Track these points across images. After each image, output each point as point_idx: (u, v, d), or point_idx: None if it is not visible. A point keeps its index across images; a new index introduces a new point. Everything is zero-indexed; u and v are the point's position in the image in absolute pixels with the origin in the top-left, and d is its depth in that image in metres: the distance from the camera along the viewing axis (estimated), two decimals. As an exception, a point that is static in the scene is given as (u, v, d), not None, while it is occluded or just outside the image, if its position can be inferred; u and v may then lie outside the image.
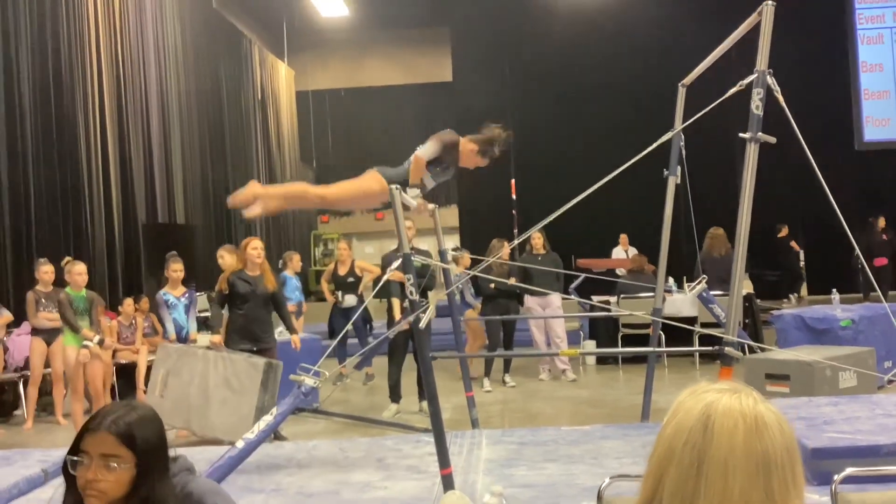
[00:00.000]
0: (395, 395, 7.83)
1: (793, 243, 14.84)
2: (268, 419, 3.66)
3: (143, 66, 12.85)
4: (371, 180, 4.88)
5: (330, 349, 5.10)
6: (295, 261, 9.92)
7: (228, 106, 16.78)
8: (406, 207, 4.55)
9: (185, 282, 8.02)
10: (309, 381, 3.90)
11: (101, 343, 7.31)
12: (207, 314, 12.14)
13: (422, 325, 4.24)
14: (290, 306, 9.62)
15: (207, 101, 15.64)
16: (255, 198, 4.67)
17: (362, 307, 7.67)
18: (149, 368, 8.69)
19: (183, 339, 7.38)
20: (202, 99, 15.34)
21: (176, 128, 13.97)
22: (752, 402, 1.21)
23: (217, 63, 16.33)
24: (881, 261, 13.69)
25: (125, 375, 8.98)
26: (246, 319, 6.64)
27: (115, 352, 8.96)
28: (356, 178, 4.96)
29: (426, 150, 4.95)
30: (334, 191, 4.95)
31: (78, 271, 7.27)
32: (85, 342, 7.09)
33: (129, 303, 9.62)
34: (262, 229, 18.41)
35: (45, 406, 8.63)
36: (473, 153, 5.05)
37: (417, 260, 4.48)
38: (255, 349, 6.64)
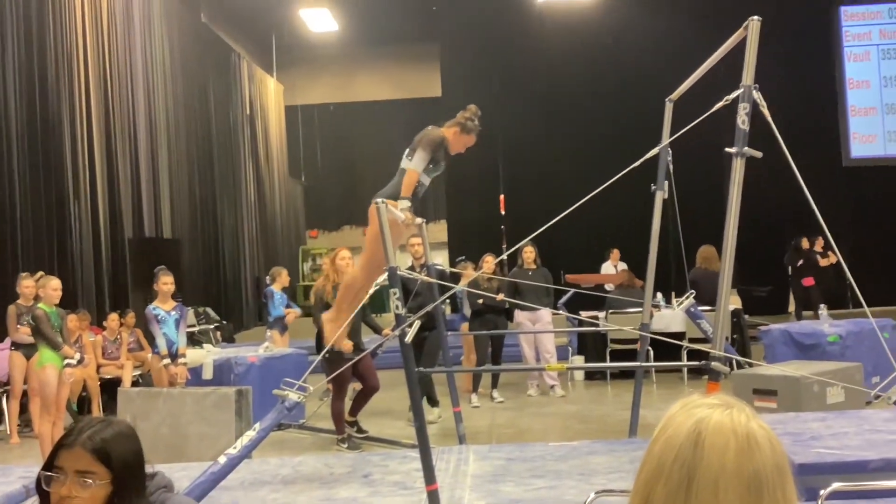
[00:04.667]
0: (431, 401, 7.94)
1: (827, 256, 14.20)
2: (251, 434, 3.62)
3: (130, 79, 12.82)
4: (374, 219, 4.79)
5: (314, 363, 5.05)
6: (283, 276, 9.88)
7: (216, 120, 16.76)
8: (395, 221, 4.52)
9: (172, 296, 7.95)
10: (293, 396, 3.85)
11: (80, 361, 7.17)
12: (195, 329, 12.17)
13: (407, 339, 4.20)
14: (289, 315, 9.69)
15: (195, 115, 15.62)
16: None
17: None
18: (134, 383, 8.62)
19: (173, 354, 7.25)
20: (190, 113, 15.31)
21: (163, 142, 13.94)
22: (745, 419, 1.17)
23: (205, 77, 16.32)
24: (808, 281, 13.63)
25: (109, 391, 8.90)
26: (349, 329, 6.80)
27: (99, 367, 8.88)
28: (370, 225, 4.86)
29: (417, 161, 4.99)
30: (360, 262, 4.96)
31: (53, 286, 7.00)
32: (67, 360, 6.89)
33: (113, 318, 9.55)
34: (252, 243, 18.38)
35: (28, 422, 8.54)
36: (457, 136, 5.18)
37: (404, 273, 4.45)
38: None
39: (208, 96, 16.44)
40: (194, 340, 10.88)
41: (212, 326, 13.15)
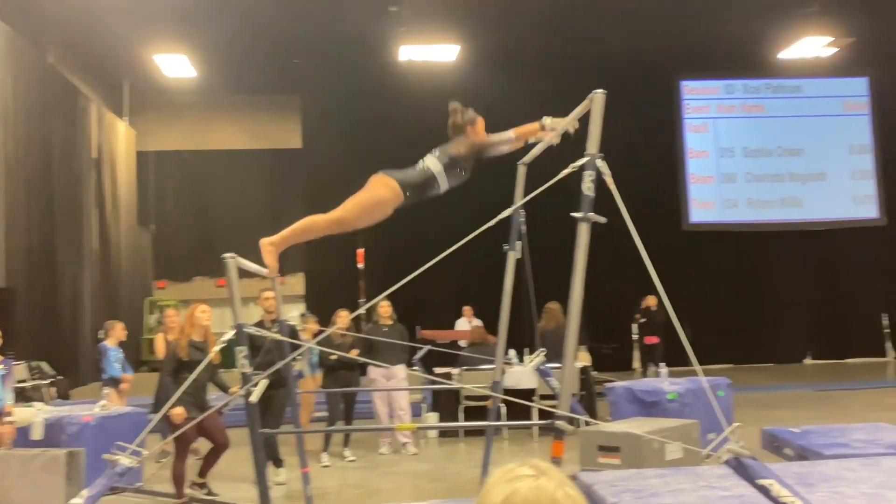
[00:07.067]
0: (276, 462, 7.77)
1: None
2: (77, 502, 3.36)
3: (-34, 118, 12.07)
4: (380, 186, 4.54)
5: (152, 423, 4.78)
6: (117, 330, 9.35)
7: (59, 165, 15.95)
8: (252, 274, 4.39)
9: (2, 350, 7.40)
10: (125, 460, 3.62)
11: None
12: (26, 384, 11.36)
13: (253, 398, 4.06)
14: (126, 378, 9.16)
15: (36, 159, 14.81)
16: (271, 252, 4.33)
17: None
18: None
19: (-1, 412, 6.73)
20: (30, 157, 14.51)
21: (0, 187, 13.14)
22: (552, 488, 1.27)
23: (49, 120, 15.54)
24: (652, 339, 14.46)
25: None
26: (194, 387, 6.43)
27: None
28: (363, 190, 4.57)
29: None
30: (346, 210, 4.54)
31: None
32: None
33: (-67, 372, 8.79)
34: (93, 294, 17.49)
35: None
36: (473, 132, 4.97)
37: (251, 330, 4.31)
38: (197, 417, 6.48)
39: (51, 140, 15.65)
40: (25, 397, 10.16)
41: (45, 382, 12.35)
